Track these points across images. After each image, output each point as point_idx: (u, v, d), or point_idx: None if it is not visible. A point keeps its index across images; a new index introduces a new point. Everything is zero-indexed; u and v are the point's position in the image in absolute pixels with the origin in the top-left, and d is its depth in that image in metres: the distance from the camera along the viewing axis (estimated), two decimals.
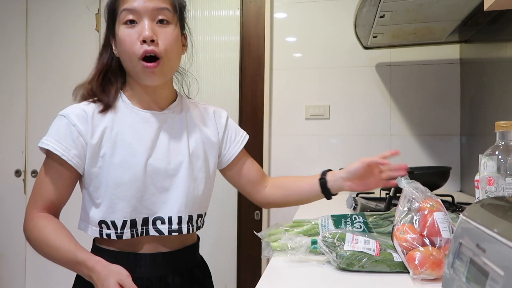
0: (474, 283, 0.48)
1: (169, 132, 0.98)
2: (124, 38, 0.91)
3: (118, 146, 0.93)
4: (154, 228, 0.95)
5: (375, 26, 1.64)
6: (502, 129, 0.79)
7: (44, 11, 2.52)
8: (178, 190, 0.96)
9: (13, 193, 2.54)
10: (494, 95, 1.56)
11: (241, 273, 2.21)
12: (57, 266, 0.94)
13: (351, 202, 1.49)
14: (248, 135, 1.13)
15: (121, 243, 0.95)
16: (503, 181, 0.77)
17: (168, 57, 0.93)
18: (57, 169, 0.92)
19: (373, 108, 2.09)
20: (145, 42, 0.89)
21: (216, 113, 1.09)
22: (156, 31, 0.91)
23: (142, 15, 0.91)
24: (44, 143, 0.92)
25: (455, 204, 1.46)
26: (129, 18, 0.91)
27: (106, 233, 0.94)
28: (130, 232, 0.94)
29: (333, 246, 0.80)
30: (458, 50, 2.00)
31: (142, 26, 0.90)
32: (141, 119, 0.96)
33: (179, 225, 0.96)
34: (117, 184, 0.92)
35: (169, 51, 0.93)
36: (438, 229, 0.74)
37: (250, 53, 2.21)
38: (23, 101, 2.54)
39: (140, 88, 0.97)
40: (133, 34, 0.91)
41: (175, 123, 1.00)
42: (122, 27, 0.92)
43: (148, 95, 0.98)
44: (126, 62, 0.94)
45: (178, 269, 1.00)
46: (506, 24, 1.43)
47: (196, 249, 1.08)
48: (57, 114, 0.96)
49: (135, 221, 0.94)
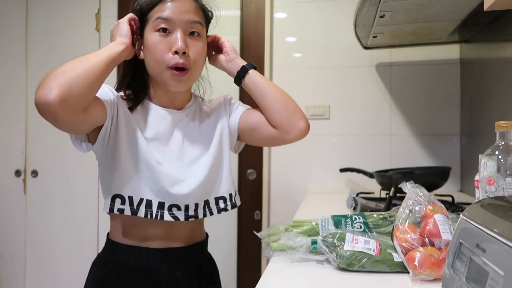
0: (474, 283, 0.48)
1: (184, 130, 1.03)
2: (155, 45, 0.94)
3: (134, 138, 0.95)
4: (170, 214, 0.95)
5: (375, 26, 1.64)
6: (502, 129, 0.79)
7: (44, 11, 2.52)
8: (192, 182, 0.97)
9: (13, 193, 2.55)
10: (494, 95, 1.55)
11: (241, 273, 2.21)
12: (57, 266, 0.95)
13: (351, 202, 1.49)
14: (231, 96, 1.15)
15: (133, 237, 0.98)
16: (503, 181, 0.77)
17: (195, 67, 0.97)
18: None
19: (373, 108, 2.09)
20: (177, 53, 0.93)
21: (224, 97, 1.13)
22: (187, 43, 0.94)
23: (176, 26, 0.94)
24: None
25: (455, 204, 1.46)
26: (162, 27, 0.94)
27: (118, 208, 0.94)
28: (144, 211, 0.94)
29: (333, 246, 0.80)
30: (458, 50, 2.00)
31: (175, 37, 0.94)
32: (159, 116, 1.01)
33: (195, 211, 0.98)
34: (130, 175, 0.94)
35: (197, 62, 0.97)
36: (439, 231, 0.74)
37: (250, 53, 2.21)
38: (23, 101, 2.54)
39: (161, 90, 1.02)
40: (165, 42, 0.94)
41: (189, 122, 1.04)
42: (153, 34, 0.95)
43: (168, 96, 1.02)
44: (153, 67, 0.97)
45: (187, 265, 1.02)
46: (506, 24, 1.43)
47: (204, 246, 1.10)
48: None
49: (151, 202, 0.95)
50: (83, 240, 2.40)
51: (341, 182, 2.10)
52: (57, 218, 2.45)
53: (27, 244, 2.53)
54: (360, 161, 2.06)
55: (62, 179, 2.48)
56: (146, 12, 0.97)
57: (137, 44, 1.00)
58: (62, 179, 2.48)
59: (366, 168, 1.94)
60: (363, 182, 2.03)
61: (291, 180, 2.16)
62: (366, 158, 2.07)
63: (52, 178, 2.49)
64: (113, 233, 1.02)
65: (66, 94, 0.79)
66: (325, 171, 2.12)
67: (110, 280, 0.98)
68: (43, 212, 2.49)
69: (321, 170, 2.13)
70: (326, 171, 2.12)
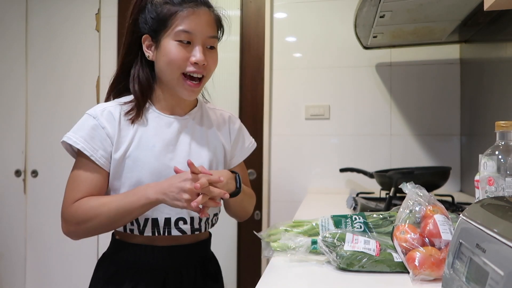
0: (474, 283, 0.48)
1: (190, 136, 1.04)
2: (175, 53, 0.96)
3: (141, 148, 0.98)
4: (177, 228, 1.00)
5: (375, 26, 1.64)
6: (502, 129, 0.79)
7: (44, 11, 2.52)
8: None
9: (13, 193, 2.55)
10: (494, 95, 1.55)
11: (241, 273, 2.21)
12: (57, 266, 0.95)
13: (351, 202, 1.49)
14: (255, 144, 1.20)
15: (140, 237, 1.00)
16: (503, 181, 0.77)
17: (208, 76, 1.02)
18: (90, 166, 0.96)
19: (373, 108, 2.09)
20: (196, 64, 0.97)
21: (231, 119, 1.16)
22: (206, 55, 0.98)
23: (197, 39, 0.98)
24: (72, 140, 0.95)
25: (455, 204, 1.46)
26: (184, 39, 0.96)
27: (129, 228, 1.00)
28: (151, 230, 0.99)
29: (333, 246, 0.80)
30: (458, 50, 2.00)
31: (196, 50, 0.97)
32: (165, 123, 1.02)
33: (199, 224, 1.03)
34: (138, 184, 0.96)
35: (211, 71, 1.02)
36: (439, 231, 0.74)
37: (250, 53, 2.21)
38: (23, 101, 2.54)
39: (168, 95, 1.03)
40: (184, 52, 0.97)
41: (195, 128, 1.06)
42: (173, 42, 0.97)
43: (174, 100, 1.04)
44: (166, 71, 0.98)
45: (192, 263, 1.05)
46: (506, 24, 1.43)
47: (208, 244, 1.13)
48: (85, 113, 0.99)
49: (157, 220, 0.98)
50: (83, 240, 2.39)
51: (341, 182, 2.10)
52: (57, 218, 2.44)
53: (27, 244, 2.53)
54: (360, 161, 2.06)
55: (62, 179, 2.46)
56: (165, 18, 0.97)
57: (146, 44, 1.00)
58: (62, 179, 2.46)
59: (366, 168, 1.94)
60: (363, 182, 2.03)
61: (291, 180, 2.16)
62: (366, 158, 2.07)
63: (52, 178, 2.49)
64: (119, 232, 1.04)
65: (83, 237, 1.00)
66: (325, 171, 2.12)
67: (117, 278, 0.99)
68: (43, 212, 2.49)
69: (321, 170, 2.13)
70: (326, 171, 2.12)
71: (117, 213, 0.92)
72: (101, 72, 2.43)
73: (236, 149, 1.15)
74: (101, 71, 2.43)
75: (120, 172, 0.97)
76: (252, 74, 2.21)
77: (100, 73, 2.43)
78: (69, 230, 0.97)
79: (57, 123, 2.45)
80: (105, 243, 1.11)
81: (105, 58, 2.42)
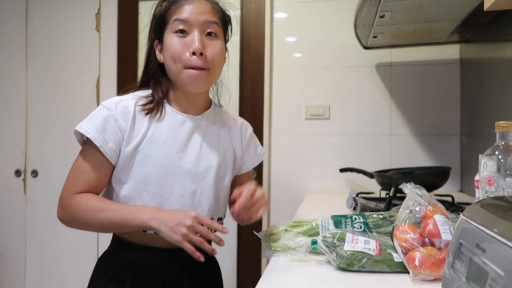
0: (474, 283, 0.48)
1: (202, 137, 1.04)
2: (173, 46, 0.96)
3: (152, 143, 0.97)
4: None
5: (375, 26, 1.64)
6: (502, 129, 0.79)
7: (44, 11, 2.52)
8: (204, 195, 1.01)
9: (13, 193, 2.55)
10: (494, 95, 1.55)
11: (241, 273, 2.22)
12: (57, 266, 0.95)
13: (351, 202, 1.49)
14: (265, 152, 1.22)
15: (141, 237, 0.99)
16: (503, 181, 0.77)
17: (214, 67, 0.99)
18: (96, 157, 0.95)
19: (373, 108, 2.09)
20: (194, 54, 0.95)
21: (243, 125, 1.16)
22: (204, 43, 0.96)
23: (193, 27, 0.96)
24: (83, 129, 0.94)
25: (455, 204, 1.46)
26: (180, 28, 0.96)
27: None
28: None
29: (333, 246, 0.80)
30: (458, 50, 2.00)
31: (192, 37, 0.96)
32: (178, 121, 1.01)
33: None
34: (145, 180, 0.96)
35: (215, 63, 0.99)
36: (438, 231, 0.74)
37: (250, 53, 2.21)
38: (23, 101, 2.54)
39: (181, 93, 1.03)
40: (182, 43, 0.96)
41: (208, 129, 1.06)
42: (172, 35, 0.97)
43: (187, 100, 1.03)
44: (171, 68, 0.99)
45: (193, 264, 1.03)
46: (506, 24, 1.43)
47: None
48: (100, 104, 0.99)
49: None
50: (83, 240, 2.39)
51: (341, 182, 2.10)
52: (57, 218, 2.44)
53: (27, 244, 2.53)
54: (360, 161, 2.06)
55: (62, 179, 2.47)
56: (166, 15, 0.98)
57: (158, 48, 1.02)
58: (62, 179, 2.47)
59: (366, 168, 1.94)
60: (363, 182, 2.03)
61: (291, 180, 2.16)
62: (366, 158, 2.07)
63: (52, 178, 2.49)
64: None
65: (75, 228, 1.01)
66: (325, 171, 2.12)
67: (118, 278, 0.99)
68: (43, 212, 2.49)
69: (321, 170, 2.13)
70: (326, 171, 2.12)
71: (109, 223, 0.92)
72: (101, 72, 2.43)
73: (247, 155, 1.15)
74: (101, 71, 2.43)
75: (129, 166, 0.96)
76: (252, 74, 2.21)
77: (100, 73, 2.43)
78: (63, 218, 0.99)
79: (57, 123, 2.44)
80: (105, 242, 1.11)
81: (105, 58, 2.42)
